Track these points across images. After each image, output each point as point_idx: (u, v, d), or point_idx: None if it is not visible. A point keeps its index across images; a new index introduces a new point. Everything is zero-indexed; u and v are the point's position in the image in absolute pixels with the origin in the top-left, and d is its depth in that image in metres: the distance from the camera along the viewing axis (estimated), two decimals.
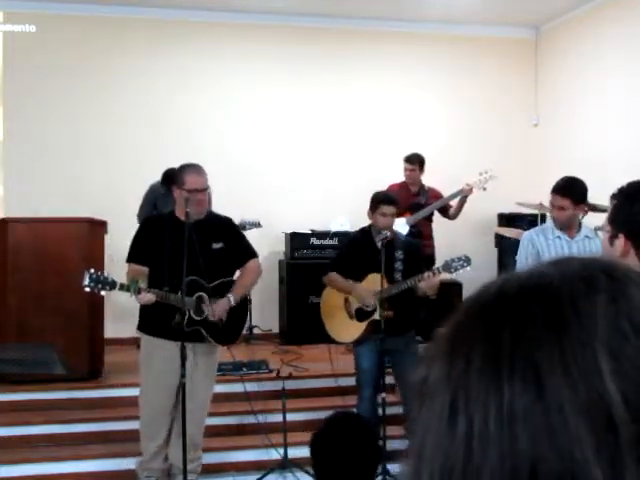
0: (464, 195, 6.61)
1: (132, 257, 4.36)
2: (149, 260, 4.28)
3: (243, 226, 6.51)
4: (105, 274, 4.10)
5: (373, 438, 2.58)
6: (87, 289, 4.05)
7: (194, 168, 4.42)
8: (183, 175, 4.35)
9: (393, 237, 4.83)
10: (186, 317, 4.17)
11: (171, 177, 5.03)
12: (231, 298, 4.33)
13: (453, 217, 6.77)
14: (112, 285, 4.03)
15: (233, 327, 4.45)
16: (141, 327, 4.41)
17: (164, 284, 4.16)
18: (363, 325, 4.82)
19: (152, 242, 4.29)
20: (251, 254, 4.52)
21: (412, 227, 6.42)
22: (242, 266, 4.50)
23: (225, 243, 4.39)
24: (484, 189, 6.63)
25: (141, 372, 4.48)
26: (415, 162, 6.78)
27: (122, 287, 4.03)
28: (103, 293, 4.20)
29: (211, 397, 4.55)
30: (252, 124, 7.97)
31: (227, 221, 4.64)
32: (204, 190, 4.33)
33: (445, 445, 0.53)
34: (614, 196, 2.22)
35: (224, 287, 4.37)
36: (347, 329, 4.95)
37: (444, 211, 6.79)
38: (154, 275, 4.24)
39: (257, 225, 6.89)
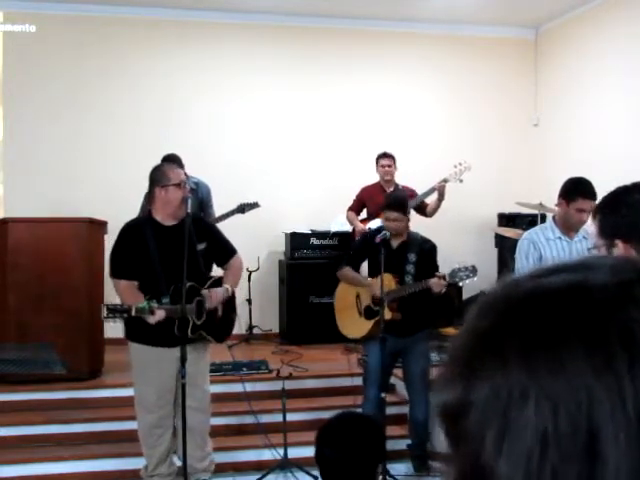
0: (440, 192, 6.39)
1: (118, 272, 4.25)
2: (138, 271, 4.18)
3: (242, 209, 6.43)
4: (120, 303, 4.11)
5: (378, 437, 2.58)
6: (106, 321, 4.12)
7: (168, 161, 4.35)
8: (166, 171, 4.27)
9: (407, 239, 4.82)
10: (190, 324, 4.17)
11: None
12: (228, 288, 4.35)
13: (430, 215, 6.53)
14: (129, 311, 4.02)
15: (226, 322, 4.49)
16: (133, 336, 4.30)
17: (161, 293, 4.12)
18: (370, 323, 4.83)
19: (137, 252, 4.19)
20: (233, 250, 4.50)
21: None
22: (226, 262, 4.47)
23: (207, 243, 4.35)
24: (460, 181, 6.46)
25: (136, 381, 4.40)
26: (391, 157, 6.81)
27: (137, 311, 4.01)
28: (119, 322, 4.16)
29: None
30: (252, 124, 7.96)
31: (204, 220, 4.70)
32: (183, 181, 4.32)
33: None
34: (595, 214, 2.24)
35: (214, 287, 4.37)
36: (356, 326, 4.98)
37: (421, 209, 6.59)
38: (147, 285, 4.17)
39: (256, 205, 6.52)
